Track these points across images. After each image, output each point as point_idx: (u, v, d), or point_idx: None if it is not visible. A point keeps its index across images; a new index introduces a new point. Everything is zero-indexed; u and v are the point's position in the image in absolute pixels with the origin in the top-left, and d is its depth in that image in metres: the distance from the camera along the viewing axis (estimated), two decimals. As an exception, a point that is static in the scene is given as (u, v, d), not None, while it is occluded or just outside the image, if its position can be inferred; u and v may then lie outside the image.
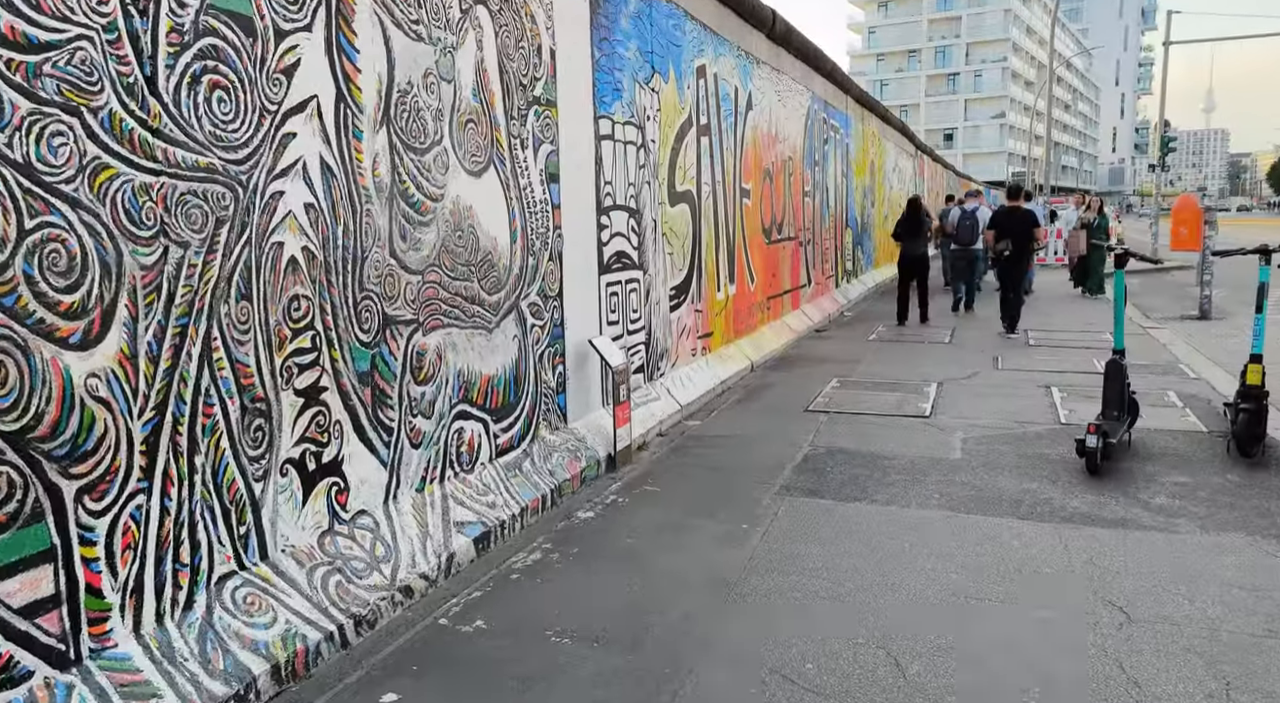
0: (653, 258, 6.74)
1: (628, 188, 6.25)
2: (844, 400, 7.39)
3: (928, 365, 8.99)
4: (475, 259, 4.35)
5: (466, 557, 3.88)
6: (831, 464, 5.57)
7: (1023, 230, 11.02)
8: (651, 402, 6.53)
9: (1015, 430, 6.34)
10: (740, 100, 9.06)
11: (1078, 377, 8.23)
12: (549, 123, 5.08)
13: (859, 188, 16.73)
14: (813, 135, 12.60)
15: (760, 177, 9.88)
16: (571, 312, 5.40)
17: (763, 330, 9.93)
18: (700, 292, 7.86)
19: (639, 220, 6.47)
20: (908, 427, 6.51)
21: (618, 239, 6.10)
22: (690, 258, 7.61)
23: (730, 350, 8.65)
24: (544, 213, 5.04)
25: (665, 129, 6.97)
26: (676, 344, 7.29)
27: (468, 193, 4.28)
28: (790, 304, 11.40)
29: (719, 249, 8.41)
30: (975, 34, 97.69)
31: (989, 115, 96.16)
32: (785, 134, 11.01)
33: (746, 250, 9.38)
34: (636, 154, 6.41)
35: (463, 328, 4.26)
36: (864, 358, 9.54)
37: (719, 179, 8.36)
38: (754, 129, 9.57)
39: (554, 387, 5.21)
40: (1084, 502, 4.81)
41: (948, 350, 10.02)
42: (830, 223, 14.10)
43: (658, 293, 6.86)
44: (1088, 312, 13.32)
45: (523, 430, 4.83)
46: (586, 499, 4.92)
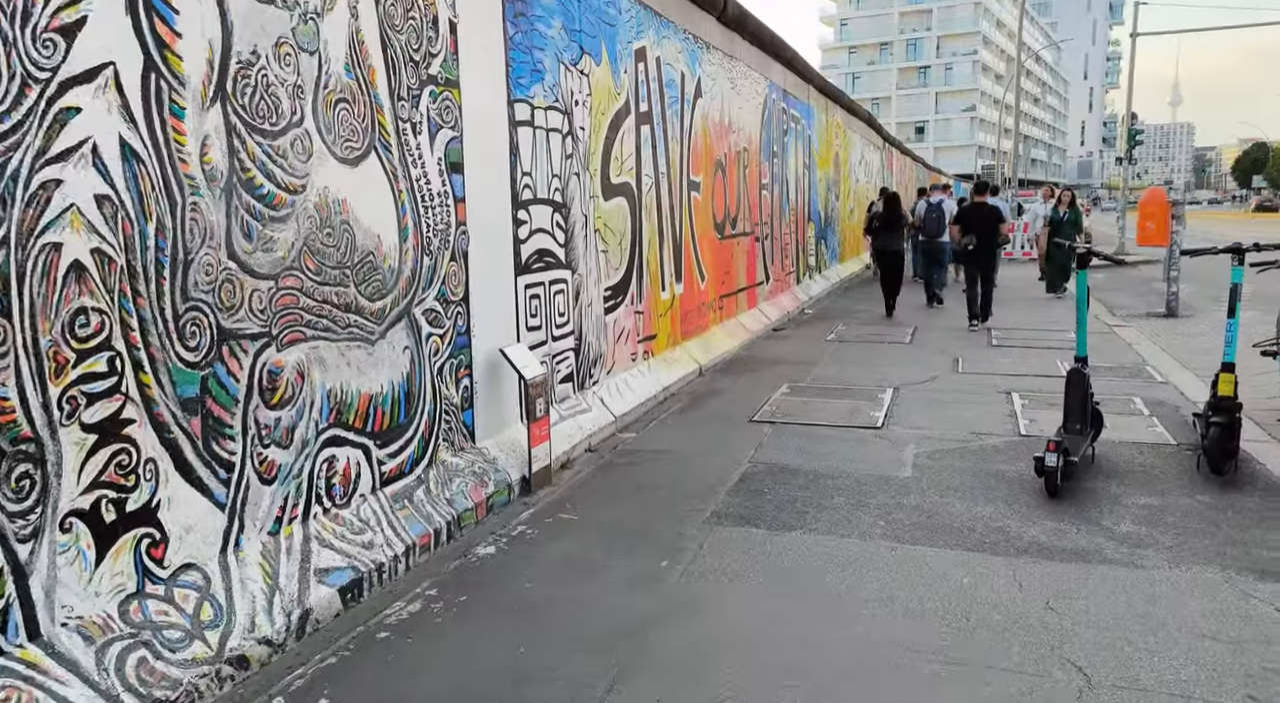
0: (583, 256, 6.19)
1: (551, 180, 5.69)
2: (793, 409, 6.89)
3: (885, 368, 8.53)
4: (351, 261, 3.78)
5: (329, 611, 3.33)
6: (771, 484, 5.06)
7: (988, 225, 11.20)
8: (581, 413, 5.99)
9: (971, 443, 5.87)
10: (688, 87, 8.52)
11: (1040, 381, 7.80)
12: (449, 105, 4.51)
13: (822, 180, 16.27)
14: (771, 126, 12.10)
15: (711, 168, 9.35)
16: (481, 317, 4.84)
17: (714, 331, 9.42)
18: (641, 292, 7.33)
19: (566, 215, 5.91)
20: (858, 439, 6.02)
21: (539, 236, 5.54)
22: (629, 256, 7.07)
23: (676, 354, 8.13)
24: (444, 207, 4.47)
25: (598, 116, 6.42)
26: (613, 349, 6.75)
27: (340, 183, 3.71)
28: (746, 303, 10.91)
29: (663, 246, 7.88)
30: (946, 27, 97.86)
31: (959, 108, 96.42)
32: (740, 124, 10.48)
33: (696, 247, 8.86)
34: (562, 143, 5.85)
35: (335, 341, 3.69)
36: (820, 360, 9.06)
37: (663, 171, 7.82)
38: (704, 118, 9.04)
39: (458, 402, 4.65)
40: (1042, 530, 4.33)
41: (907, 351, 9.57)
42: (791, 217, 13.61)
43: (589, 294, 6.32)
44: (1053, 310, 12.95)
45: (416, 454, 4.27)
46: (491, 532, 4.38)
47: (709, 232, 9.32)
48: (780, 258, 12.87)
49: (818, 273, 15.93)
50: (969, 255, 11.28)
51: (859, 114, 20.49)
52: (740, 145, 10.50)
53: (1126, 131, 24.34)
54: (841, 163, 18.41)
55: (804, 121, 14.48)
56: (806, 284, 14.74)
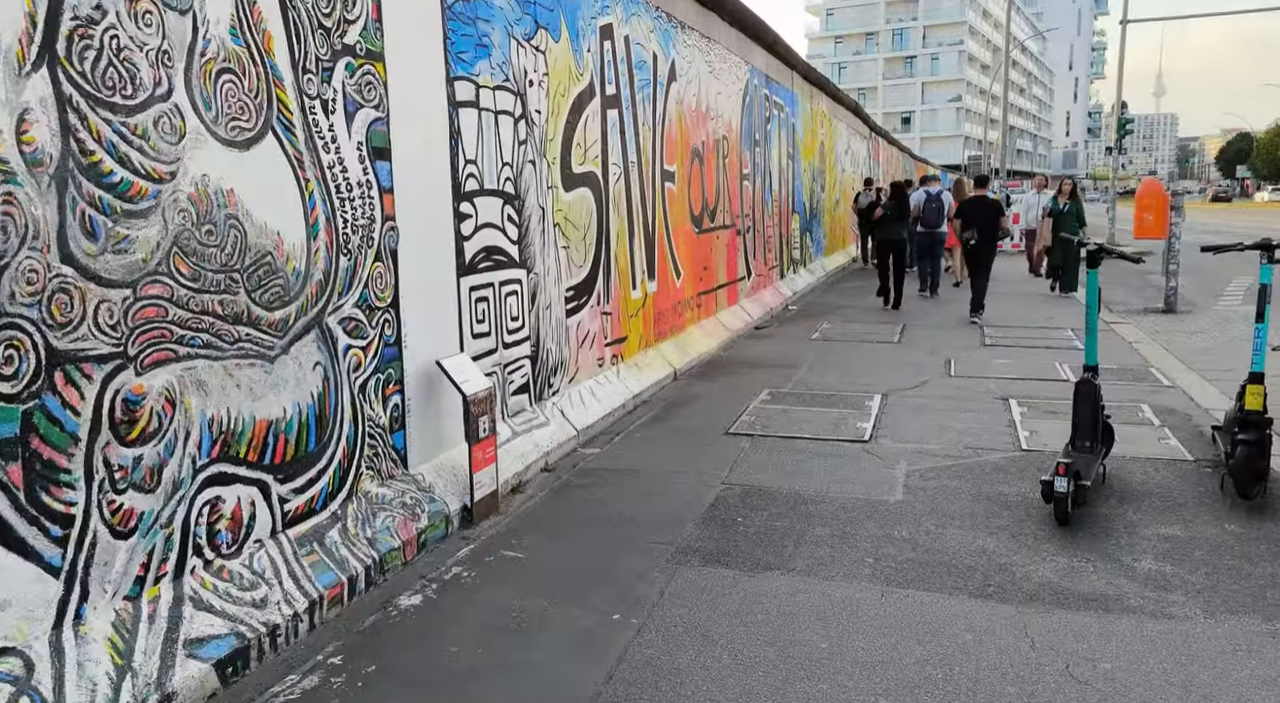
0: (540, 253, 5.60)
1: (502, 168, 5.09)
2: (773, 420, 6.32)
3: (873, 371, 7.97)
4: (241, 263, 3.17)
5: (200, 692, 2.73)
6: (745, 512, 4.49)
7: (989, 219, 10.97)
8: (538, 428, 5.40)
9: (969, 460, 5.32)
10: (660, 69, 7.91)
11: (1039, 386, 7.26)
12: (371, 81, 3.90)
13: (807, 171, 15.69)
14: (752, 113, 11.50)
15: (688, 157, 8.75)
16: (414, 325, 4.24)
17: (691, 331, 8.84)
18: (609, 291, 6.74)
19: (519, 208, 5.31)
20: (843, 455, 5.46)
21: (487, 232, 4.94)
22: (594, 252, 6.48)
23: (649, 357, 7.55)
24: (366, 199, 3.87)
25: (556, 98, 5.81)
26: (576, 355, 6.16)
27: (225, 170, 3.10)
28: (726, 299, 10.33)
29: (634, 241, 7.29)
30: (932, 17, 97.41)
31: (946, 99, 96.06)
32: (719, 110, 9.89)
33: (671, 241, 8.27)
34: (514, 127, 5.25)
35: (220, 359, 3.09)
36: (803, 362, 8.49)
37: (633, 160, 7.22)
38: (679, 103, 8.44)
39: (386, 424, 4.05)
40: (1053, 568, 3.78)
41: (896, 352, 9.01)
42: (774, 208, 13.04)
43: (548, 295, 5.72)
44: (1046, 306, 12.44)
45: (331, 487, 3.67)
46: (421, 575, 3.78)
47: (685, 225, 8.73)
48: (763, 252, 12.30)
49: (803, 267, 15.38)
50: (970, 249, 11.11)
51: (845, 102, 19.93)
52: (719, 133, 9.91)
53: (1117, 121, 23.88)
54: (827, 152, 17.84)
55: (788, 109, 13.90)
56: (791, 279, 14.18)
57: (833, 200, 18.82)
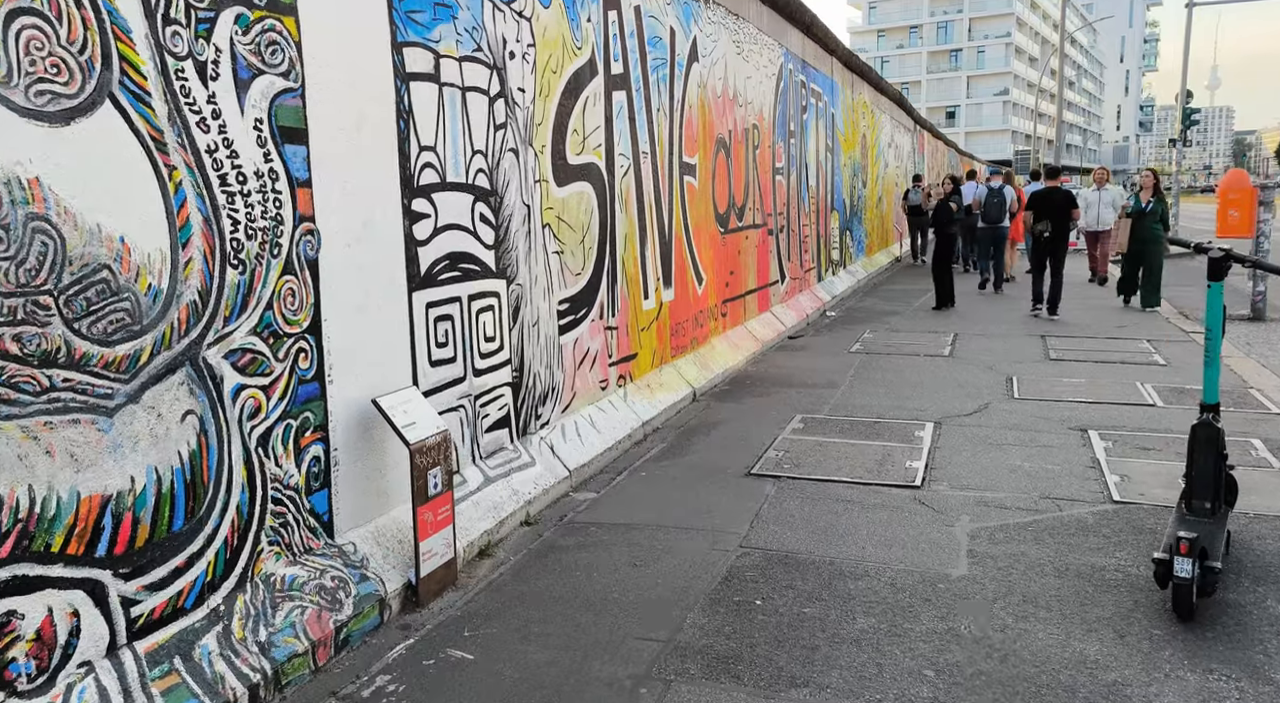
0: (525, 260, 4.68)
1: (471, 157, 4.17)
2: (805, 454, 5.34)
3: (922, 392, 6.94)
4: (56, 281, 2.29)
5: None
6: (767, 590, 3.53)
7: (1061, 211, 10.52)
8: (519, 470, 4.49)
9: (1047, 515, 4.30)
10: (679, 47, 6.96)
11: (1121, 413, 6.18)
12: (277, 41, 3.00)
13: (847, 165, 14.62)
14: (787, 101, 10.49)
15: (712, 148, 7.79)
16: (343, 354, 3.34)
17: (715, 344, 7.87)
18: (614, 302, 5.80)
19: (496, 206, 4.40)
20: (891, 506, 4.47)
21: (452, 235, 4.03)
22: (596, 257, 5.55)
23: (663, 376, 6.60)
24: (268, 193, 2.97)
25: (546, 75, 4.89)
26: (572, 378, 5.24)
27: (26, 153, 2.22)
28: (756, 306, 9.34)
29: (646, 243, 6.34)
30: (978, 9, 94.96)
31: (992, 92, 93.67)
32: (748, 97, 8.90)
33: (691, 243, 7.31)
34: (490, 108, 4.33)
35: (16, 417, 2.21)
36: (842, 379, 7.48)
37: (645, 150, 6.28)
38: (701, 87, 7.47)
39: (301, 482, 3.16)
40: (1181, 692, 2.77)
41: (948, 367, 7.96)
42: (811, 205, 12.01)
43: (535, 310, 4.80)
44: (1115, 313, 11.25)
45: (211, 575, 2.79)
46: (332, 690, 2.88)
47: (709, 224, 7.76)
48: (798, 253, 11.27)
49: (842, 268, 14.31)
50: (1041, 243, 10.65)
51: (888, 93, 18.78)
52: (749, 122, 8.92)
53: (1181, 111, 22.39)
54: (869, 145, 16.73)
55: (826, 98, 12.85)
56: (829, 282, 13.13)
57: (875, 197, 17.70)
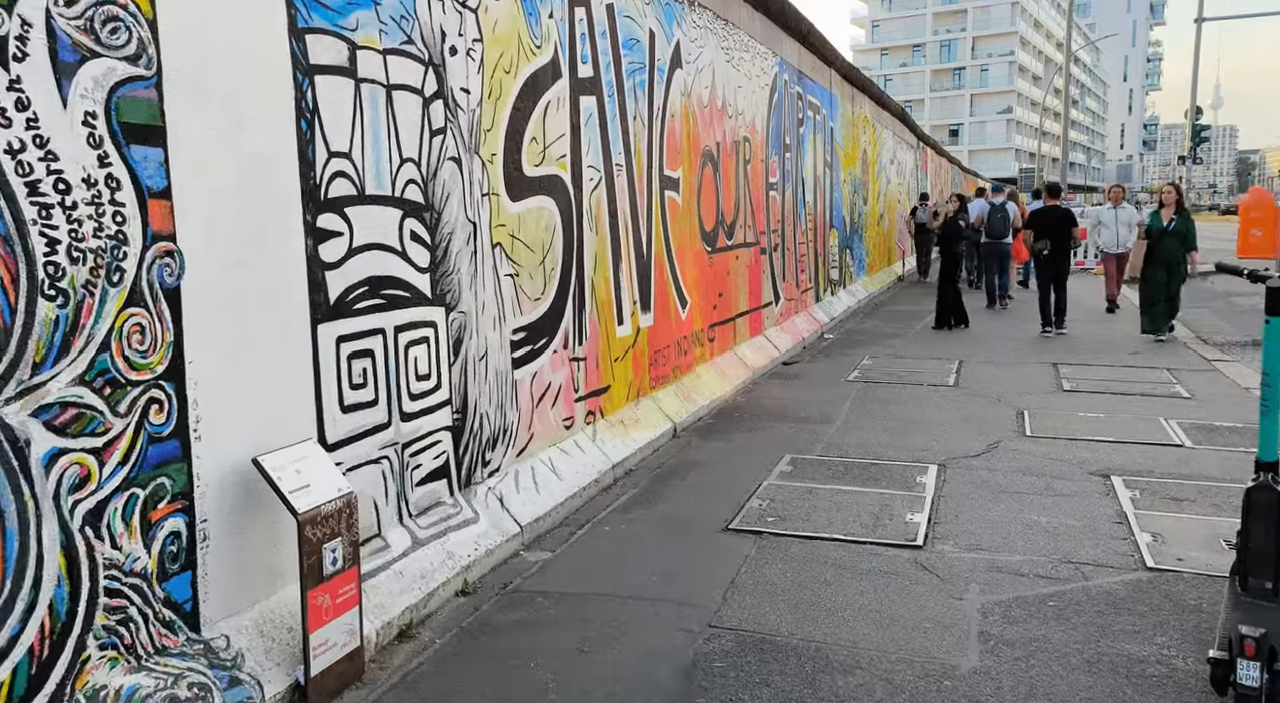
0: (470, 284, 4.09)
1: (399, 166, 3.59)
2: (792, 504, 4.72)
3: (925, 427, 6.32)
4: None
5: None
6: (736, 691, 2.91)
7: (1061, 230, 10.51)
8: (457, 529, 3.88)
9: (1071, 585, 3.68)
10: (659, 51, 6.40)
11: (1147, 455, 5.55)
12: (119, 17, 2.42)
13: (847, 181, 14.06)
14: (782, 113, 9.93)
15: (697, 161, 7.22)
16: (217, 403, 2.75)
17: (700, 371, 7.26)
18: (582, 330, 5.21)
19: (432, 222, 3.81)
20: (888, 571, 3.85)
21: (372, 256, 3.44)
22: (560, 280, 4.96)
23: (640, 410, 5.99)
24: (102, 205, 2.39)
25: (497, 76, 4.32)
26: (529, 417, 4.64)
27: None
28: (747, 330, 8.74)
29: (620, 264, 5.75)
30: (981, 28, 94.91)
31: (995, 111, 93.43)
32: (739, 107, 8.34)
33: (673, 264, 6.72)
34: (424, 110, 3.75)
35: None
36: (838, 412, 6.87)
37: (619, 162, 5.70)
38: (685, 95, 6.91)
39: (152, 566, 2.55)
40: None
41: (954, 398, 7.34)
42: (808, 223, 11.43)
43: (482, 341, 4.21)
44: (1129, 338, 10.63)
45: (7, 699, 2.18)
46: None
47: (693, 243, 7.18)
48: (794, 273, 10.69)
49: (841, 288, 13.72)
50: (1042, 261, 10.61)
51: (890, 108, 18.26)
52: (739, 134, 8.35)
53: (1191, 127, 21.84)
54: (870, 161, 16.18)
55: (825, 111, 12.30)
56: (828, 303, 12.53)
57: (877, 214, 17.13)
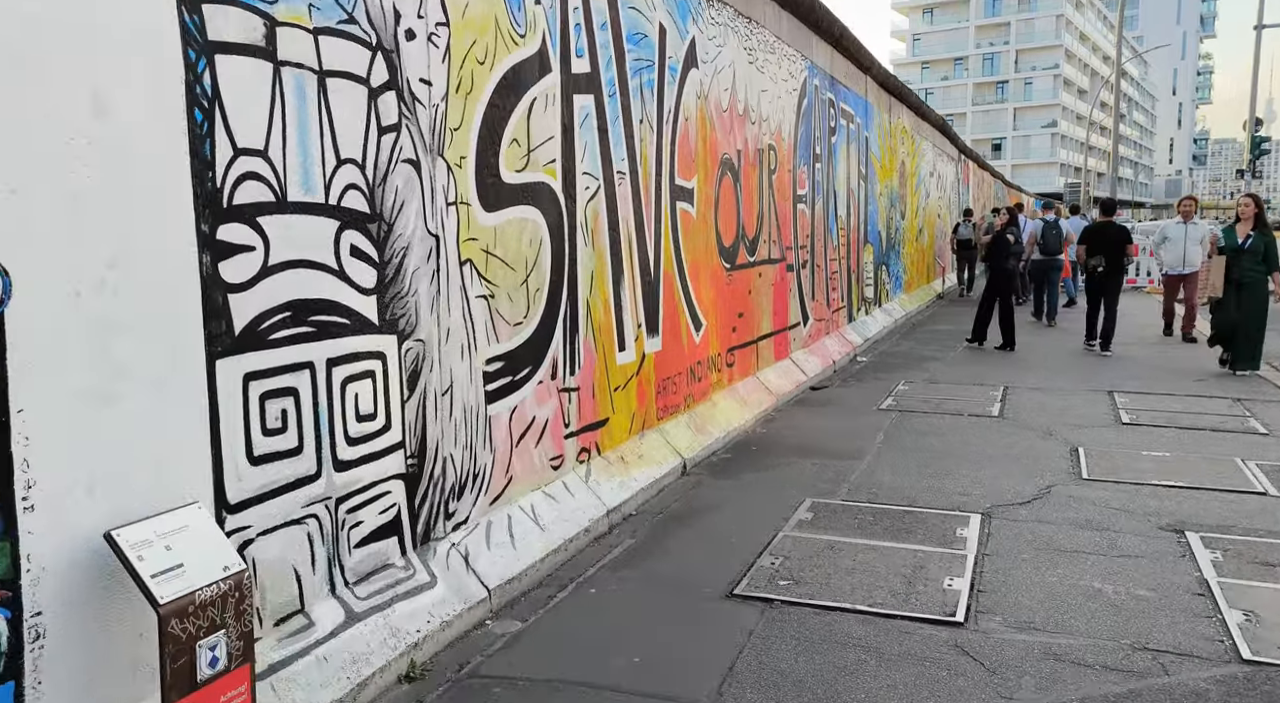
0: (431, 307, 3.51)
1: (335, 168, 3.03)
2: (810, 563, 4.06)
3: (965, 466, 5.62)
4: None
5: None
6: None
7: (1115, 246, 10.30)
8: (407, 598, 3.28)
9: (1148, 681, 2.98)
10: (671, 48, 5.81)
11: (1225, 504, 4.81)
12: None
13: (884, 194, 13.35)
14: (812, 120, 9.29)
15: (715, 170, 6.60)
16: (62, 464, 2.18)
17: (717, 400, 6.62)
18: (574, 357, 4.61)
19: (380, 236, 3.24)
20: (922, 658, 3.18)
21: (298, 275, 2.87)
22: (548, 301, 4.36)
23: (644, 445, 5.36)
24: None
25: (469, 66, 3.75)
26: (507, 458, 4.04)
27: None
28: (771, 353, 8.08)
29: (622, 283, 5.15)
30: (1025, 41, 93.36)
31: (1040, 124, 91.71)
32: (763, 113, 7.72)
33: (686, 281, 6.11)
34: (372, 103, 3.19)
35: None
36: (869, 446, 6.18)
37: (621, 169, 5.11)
38: (701, 97, 6.31)
39: (-40, 672, 1.99)
40: None
41: (999, 431, 6.62)
42: (840, 238, 10.75)
43: (448, 372, 3.62)
44: (1192, 363, 9.78)
45: None
46: None
47: (710, 259, 6.55)
48: (825, 291, 10.01)
49: (876, 307, 12.99)
50: (1095, 278, 10.46)
51: (930, 119, 17.51)
52: (763, 141, 7.73)
53: (1250, 140, 20.75)
54: (909, 174, 15.45)
55: (860, 120, 11.63)
56: (862, 322, 11.82)
57: (915, 228, 16.37)
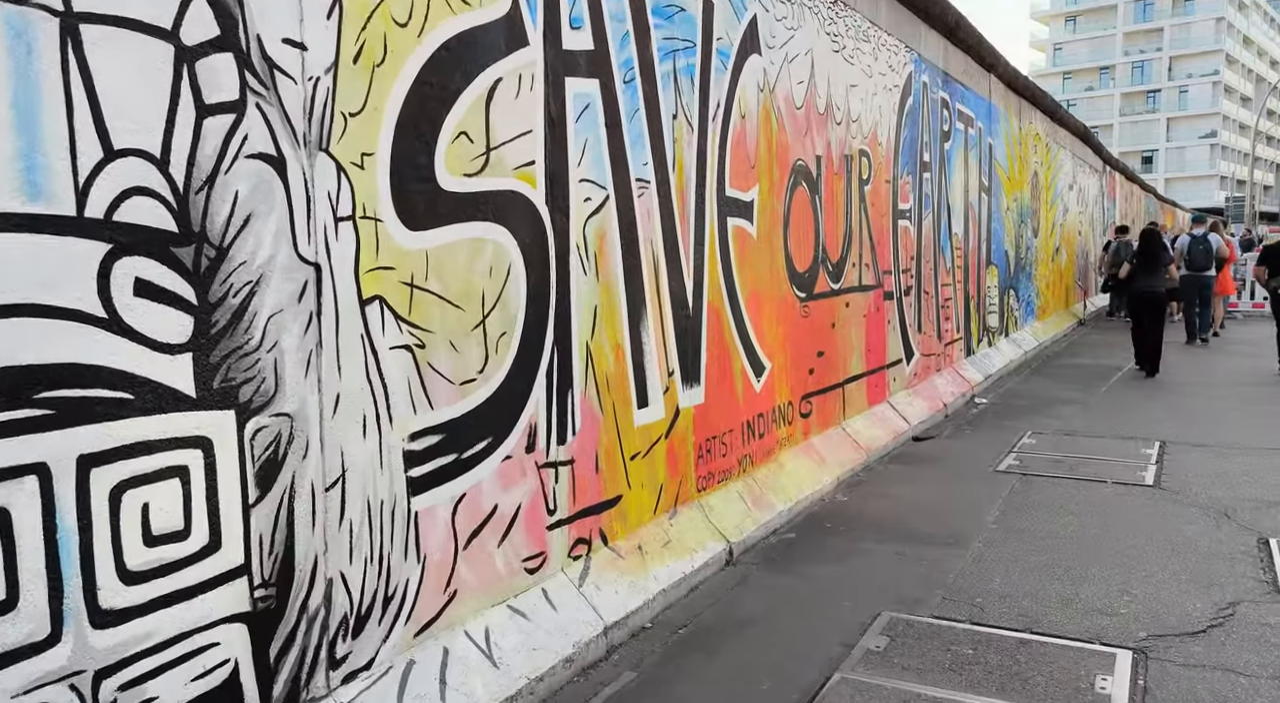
0: (307, 365, 2.49)
1: (101, 163, 2.04)
2: (865, 736, 2.80)
3: (1110, 565, 4.18)
4: None
5: None
6: None
7: None
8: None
9: None
10: (720, 27, 4.67)
11: None
12: None
13: (1012, 209, 11.70)
14: (919, 122, 7.93)
15: (783, 179, 5.40)
16: None
17: (784, 460, 5.37)
18: (566, 418, 3.51)
19: (202, 266, 2.24)
20: None
21: (16, 328, 1.90)
22: (519, 346, 3.28)
23: (675, 528, 4.19)
24: None
25: (379, 26, 2.72)
26: (451, 566, 2.96)
27: None
28: (864, 397, 6.75)
29: (644, 320, 4.03)
30: (1180, 47, 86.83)
31: (1197, 135, 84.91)
32: (853, 112, 6.46)
33: (740, 315, 4.92)
34: (181, 67, 2.20)
35: None
36: (976, 529, 4.80)
37: (644, 176, 4.00)
38: (765, 90, 5.13)
39: None
40: None
41: (1154, 509, 5.09)
42: (956, 259, 9.27)
43: (334, 457, 2.58)
44: None
45: None
46: None
47: (777, 287, 5.34)
48: (935, 321, 8.56)
49: (1002, 337, 11.33)
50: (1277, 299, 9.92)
51: (1068, 125, 15.60)
52: (852, 146, 6.46)
53: None
54: (1043, 186, 13.66)
55: (981, 124, 10.12)
56: (983, 356, 10.23)
57: (1051, 248, 14.51)
